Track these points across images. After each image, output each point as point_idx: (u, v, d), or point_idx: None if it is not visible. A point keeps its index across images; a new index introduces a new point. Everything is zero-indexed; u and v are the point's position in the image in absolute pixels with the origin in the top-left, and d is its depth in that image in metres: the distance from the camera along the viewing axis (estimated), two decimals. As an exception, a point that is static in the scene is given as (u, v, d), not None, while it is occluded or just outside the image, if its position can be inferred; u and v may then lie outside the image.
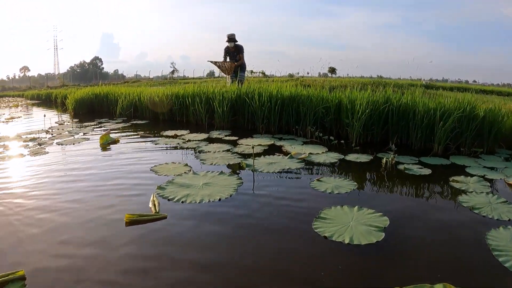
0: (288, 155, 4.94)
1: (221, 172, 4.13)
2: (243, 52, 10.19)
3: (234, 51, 10.08)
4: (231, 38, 9.93)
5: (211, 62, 10.22)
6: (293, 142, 6.02)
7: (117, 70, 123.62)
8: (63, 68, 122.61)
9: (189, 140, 6.31)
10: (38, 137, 7.08)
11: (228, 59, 10.28)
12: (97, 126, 8.80)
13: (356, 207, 3.12)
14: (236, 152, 5.28)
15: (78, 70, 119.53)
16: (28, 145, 6.28)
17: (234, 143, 5.98)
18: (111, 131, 6.86)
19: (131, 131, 7.80)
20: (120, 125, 8.74)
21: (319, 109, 6.50)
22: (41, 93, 26.58)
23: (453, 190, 3.82)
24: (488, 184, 3.97)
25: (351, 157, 5.05)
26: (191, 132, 7.15)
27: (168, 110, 9.16)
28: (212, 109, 7.73)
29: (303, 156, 4.96)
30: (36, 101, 24.57)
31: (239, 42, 10.03)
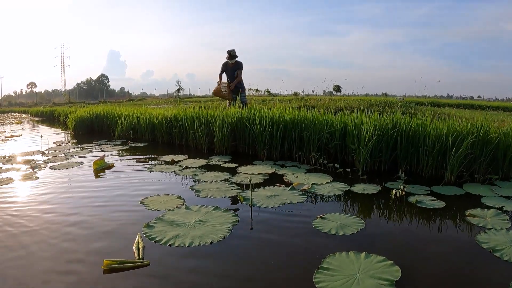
0: (290, 187, 4.60)
1: (216, 208, 3.78)
2: (242, 69, 9.78)
3: (233, 67, 9.69)
4: (233, 55, 9.56)
5: (215, 95, 10.10)
6: (295, 170, 5.67)
7: (123, 87, 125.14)
8: (70, 85, 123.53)
9: (186, 167, 5.98)
10: (33, 160, 6.93)
11: (224, 75, 9.92)
12: (95, 148, 8.56)
13: (364, 253, 2.75)
14: (235, 183, 4.93)
15: (85, 87, 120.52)
16: (21, 168, 6.13)
17: (233, 171, 5.65)
18: (105, 156, 6.52)
19: (128, 155, 7.54)
20: (118, 148, 8.48)
21: (324, 134, 6.17)
22: (45, 110, 26.69)
23: (471, 227, 3.47)
24: (507, 218, 3.62)
25: (358, 188, 4.70)
26: (189, 158, 6.83)
27: (167, 133, 8.85)
28: (212, 133, 7.40)
29: (305, 187, 4.61)
30: (40, 118, 24.86)
31: (243, 60, 9.70)
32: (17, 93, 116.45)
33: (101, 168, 6.02)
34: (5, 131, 14.47)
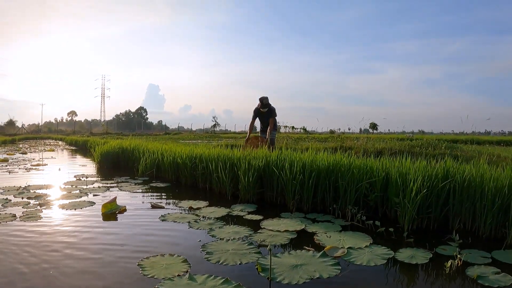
0: (321, 252, 3.79)
1: (226, 281, 3.03)
2: (275, 115, 9.34)
3: (266, 114, 9.23)
4: (265, 104, 9.08)
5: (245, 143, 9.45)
6: (328, 228, 4.85)
7: (161, 121, 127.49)
8: (109, 116, 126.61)
9: (203, 217, 5.28)
10: (45, 194, 6.70)
11: (258, 121, 9.57)
12: (114, 186, 8.09)
13: None
14: (255, 242, 4.16)
15: (123, 119, 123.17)
16: (29, 203, 5.96)
17: (255, 226, 4.88)
18: (117, 198, 5.87)
19: (145, 197, 7.00)
20: (138, 187, 7.94)
21: (363, 184, 5.36)
22: (79, 139, 27.43)
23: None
24: None
25: (404, 255, 3.85)
26: (210, 205, 6.11)
27: (191, 174, 8.18)
28: (237, 178, 6.66)
29: (340, 253, 3.81)
30: (74, 147, 25.24)
31: (277, 102, 9.09)
32: (58, 121, 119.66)
33: (110, 212, 5.49)
34: (33, 159, 14.54)
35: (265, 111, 9.15)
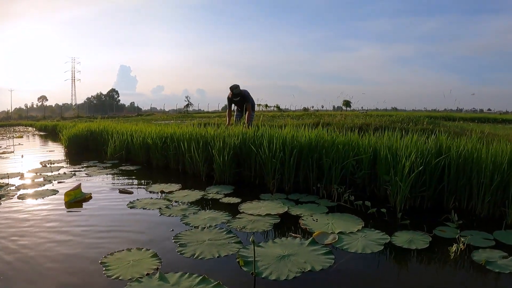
0: (310, 240, 3.34)
1: (203, 279, 2.57)
2: (250, 101, 8.70)
3: (239, 101, 8.62)
4: (236, 93, 8.39)
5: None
6: (314, 209, 4.42)
7: (133, 102, 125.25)
8: (81, 99, 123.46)
9: (176, 202, 4.80)
10: (7, 184, 5.99)
11: (234, 108, 9.06)
12: (81, 171, 7.50)
13: None
14: (235, 230, 3.69)
15: (95, 102, 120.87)
16: None
17: (234, 210, 4.41)
18: (81, 185, 5.30)
19: (114, 181, 6.47)
20: (106, 172, 7.38)
21: (349, 161, 4.93)
22: (48, 124, 26.72)
23: None
24: None
25: (401, 239, 3.46)
26: (183, 188, 5.63)
27: (163, 156, 7.65)
28: (212, 158, 6.16)
29: (330, 240, 3.38)
30: (44, 133, 24.29)
31: (253, 79, 8.53)
32: (28, 106, 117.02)
33: (74, 201, 4.93)
34: (0, 146, 13.74)
35: (237, 100, 8.58)
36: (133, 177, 6.84)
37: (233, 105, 9.02)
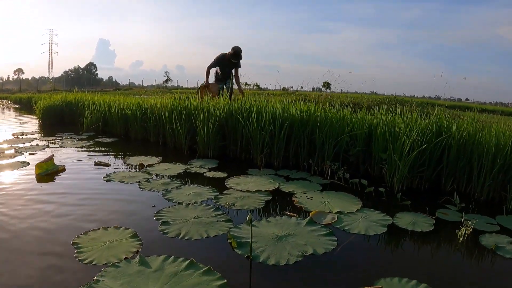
0: (307, 219, 3.03)
1: (191, 264, 2.23)
2: (240, 66, 8.19)
3: (232, 65, 8.09)
4: (239, 57, 7.92)
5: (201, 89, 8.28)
6: (307, 186, 4.12)
7: (112, 77, 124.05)
8: (58, 73, 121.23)
9: (157, 176, 4.43)
10: None
11: (218, 69, 8.28)
12: (55, 143, 7.06)
13: None
14: (222, 207, 3.35)
15: (72, 75, 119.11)
16: None
17: (220, 185, 4.07)
18: (54, 156, 4.90)
19: (88, 154, 5.94)
20: (81, 143, 6.89)
21: (344, 137, 4.61)
22: (23, 97, 26.03)
23: None
24: None
25: (403, 220, 3.19)
26: (163, 161, 5.26)
27: (142, 127, 7.24)
28: (195, 130, 5.78)
29: (329, 220, 3.08)
30: (18, 105, 23.61)
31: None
32: (3, 79, 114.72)
33: (45, 173, 4.51)
34: None
35: (235, 62, 8.03)
36: (110, 149, 6.42)
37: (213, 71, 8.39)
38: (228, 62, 8.03)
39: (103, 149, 6.43)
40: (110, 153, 6.04)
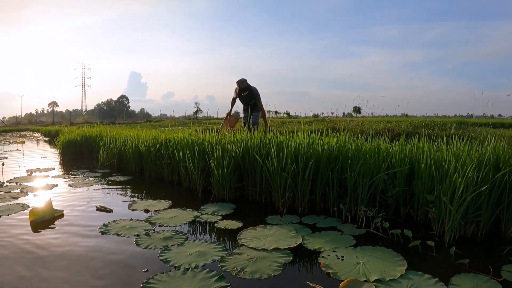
0: (336, 294, 2.31)
1: None
2: (259, 96, 7.79)
3: (247, 96, 7.72)
4: (244, 88, 7.55)
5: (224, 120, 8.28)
6: (337, 239, 3.37)
7: (143, 109, 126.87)
8: (91, 105, 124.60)
9: (160, 226, 3.78)
10: None
11: (242, 106, 8.11)
12: (66, 181, 6.54)
13: None
14: (229, 274, 2.65)
15: (105, 108, 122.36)
16: None
17: (232, 240, 3.40)
18: (52, 200, 4.32)
19: (96, 194, 5.45)
20: (93, 182, 6.40)
21: (381, 176, 3.87)
22: (52, 130, 26.11)
23: None
24: None
25: (464, 288, 2.42)
26: (173, 206, 4.61)
27: (156, 165, 6.63)
28: (209, 169, 5.11)
29: (367, 296, 2.35)
30: (47, 138, 23.46)
31: (262, 85, 7.58)
32: (38, 112, 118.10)
33: (41, 220, 4.02)
34: None
35: (246, 94, 7.67)
36: (120, 189, 5.83)
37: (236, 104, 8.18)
38: (242, 96, 7.77)
39: (113, 189, 5.87)
40: (119, 194, 5.50)
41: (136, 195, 5.40)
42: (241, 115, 8.47)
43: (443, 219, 3.41)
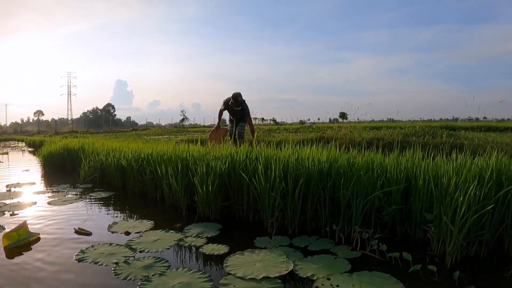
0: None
1: None
2: (249, 113, 7.91)
3: (238, 112, 7.77)
4: (240, 102, 7.56)
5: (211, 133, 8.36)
6: (330, 264, 3.12)
7: (130, 117, 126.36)
8: (77, 114, 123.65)
9: (141, 252, 3.52)
10: None
11: (228, 115, 8.13)
12: (45, 198, 6.23)
13: None
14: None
15: (91, 116, 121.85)
16: None
17: (217, 268, 3.15)
18: (27, 223, 4.03)
19: (76, 214, 5.13)
20: (73, 199, 6.07)
21: (376, 195, 3.65)
22: (37, 140, 26.09)
23: None
24: None
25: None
26: (156, 226, 4.35)
27: (139, 180, 6.35)
28: (194, 186, 4.83)
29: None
30: (32, 148, 23.02)
31: (251, 92, 7.56)
32: (24, 121, 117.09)
33: (15, 245, 3.77)
34: None
35: (238, 110, 7.67)
36: (102, 207, 5.56)
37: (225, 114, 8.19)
38: (234, 110, 7.76)
39: (93, 207, 5.60)
40: (100, 212, 5.26)
41: (117, 214, 5.14)
42: (227, 123, 8.37)
43: (444, 239, 3.19)
